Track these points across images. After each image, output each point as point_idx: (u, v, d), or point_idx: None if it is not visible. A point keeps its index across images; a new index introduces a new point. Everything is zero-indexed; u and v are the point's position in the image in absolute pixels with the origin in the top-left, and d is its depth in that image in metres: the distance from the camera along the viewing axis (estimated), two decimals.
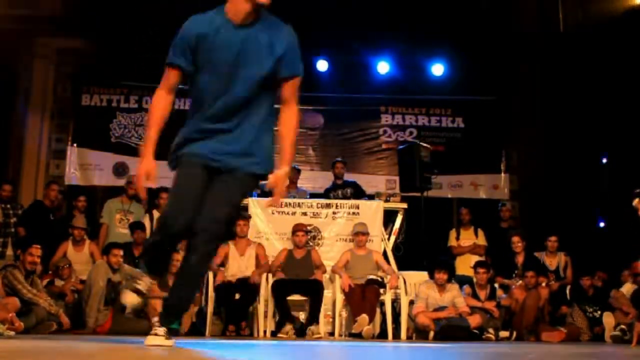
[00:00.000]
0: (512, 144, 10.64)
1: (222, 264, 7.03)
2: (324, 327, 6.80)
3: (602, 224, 10.07)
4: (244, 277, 6.89)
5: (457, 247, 8.34)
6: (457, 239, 8.39)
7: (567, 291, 7.90)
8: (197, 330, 6.81)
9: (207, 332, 6.67)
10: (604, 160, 10.02)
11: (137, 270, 6.36)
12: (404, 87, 10.44)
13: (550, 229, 8.44)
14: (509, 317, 7.23)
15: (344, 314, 6.97)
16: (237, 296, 6.80)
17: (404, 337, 6.80)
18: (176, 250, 6.60)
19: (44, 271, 6.97)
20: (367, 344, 5.42)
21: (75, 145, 9.98)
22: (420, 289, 7.00)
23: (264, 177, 3.22)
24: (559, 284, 7.96)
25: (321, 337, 6.53)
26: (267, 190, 3.33)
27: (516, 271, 7.78)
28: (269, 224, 7.51)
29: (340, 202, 7.76)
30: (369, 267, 7.09)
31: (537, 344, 6.60)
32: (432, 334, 6.71)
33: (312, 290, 6.86)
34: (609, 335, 7.02)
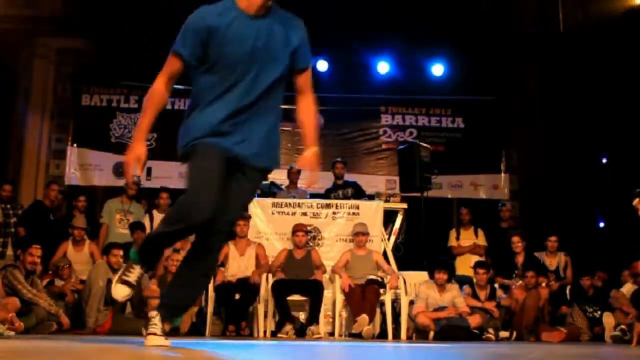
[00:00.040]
0: (512, 144, 10.64)
1: (222, 264, 7.02)
2: (324, 327, 6.80)
3: (602, 224, 10.06)
4: (244, 277, 6.89)
5: (457, 247, 8.34)
6: (457, 239, 8.39)
7: (567, 291, 7.90)
8: (197, 330, 6.81)
9: (207, 332, 6.67)
10: (604, 160, 10.01)
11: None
12: (404, 87, 10.44)
13: (550, 229, 8.44)
14: (509, 317, 7.23)
15: (344, 314, 6.97)
16: (237, 296, 6.80)
17: (404, 337, 6.80)
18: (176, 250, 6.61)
19: (44, 271, 6.97)
20: (367, 344, 5.42)
21: (75, 145, 9.98)
22: (420, 289, 7.00)
23: (271, 171, 3.25)
24: (559, 284, 7.95)
25: (321, 337, 6.53)
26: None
27: (516, 271, 7.77)
28: (269, 224, 7.51)
29: (340, 202, 7.75)
30: (369, 267, 7.09)
31: (537, 344, 6.60)
32: (432, 334, 6.71)
33: (312, 290, 6.86)
34: (609, 335, 7.01)
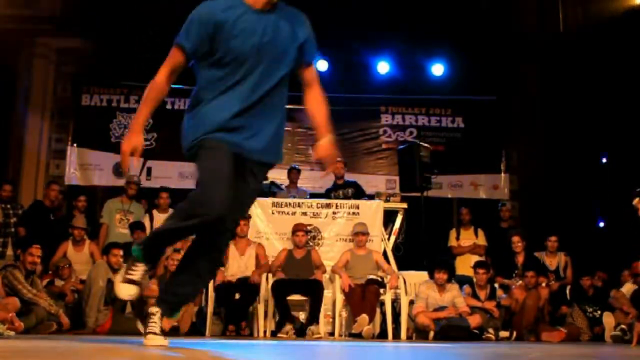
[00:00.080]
0: (512, 144, 10.63)
1: (222, 264, 7.02)
2: (324, 327, 6.80)
3: (602, 224, 10.06)
4: (244, 277, 6.89)
5: (457, 247, 8.34)
6: (457, 239, 8.39)
7: (567, 291, 7.90)
8: (197, 330, 6.81)
9: (207, 332, 6.67)
10: (604, 160, 10.01)
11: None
12: (404, 87, 10.43)
13: (550, 229, 8.44)
14: (509, 317, 7.23)
15: (344, 314, 6.97)
16: (237, 296, 6.80)
17: (404, 337, 6.80)
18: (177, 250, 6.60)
19: (44, 271, 6.97)
20: (367, 344, 5.42)
21: (75, 145, 9.98)
22: (420, 289, 7.00)
23: (274, 166, 3.27)
24: (559, 284, 7.95)
25: (321, 337, 6.53)
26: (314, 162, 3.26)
27: (516, 271, 7.77)
28: (269, 224, 7.51)
29: (340, 202, 7.75)
30: (369, 267, 7.09)
31: (537, 344, 6.59)
32: (432, 334, 6.71)
33: (312, 290, 6.86)
34: (609, 335, 7.02)
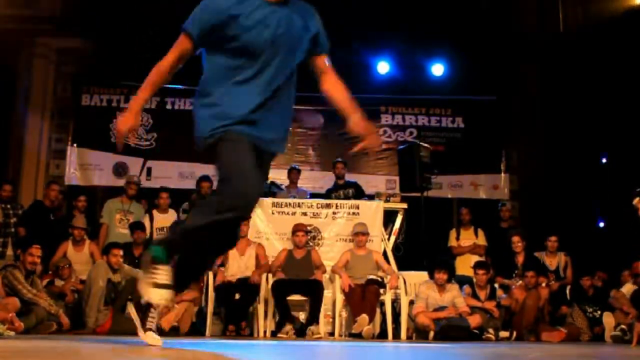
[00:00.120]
0: (512, 144, 10.63)
1: (222, 264, 7.03)
2: (324, 327, 6.80)
3: (602, 224, 10.06)
4: (244, 277, 6.90)
5: (457, 247, 8.34)
6: (457, 239, 8.39)
7: (567, 291, 7.90)
8: (197, 330, 6.82)
9: (207, 332, 6.68)
10: (604, 160, 10.01)
11: (137, 270, 6.35)
12: (404, 87, 10.43)
13: (550, 229, 8.44)
14: (509, 317, 7.23)
15: (344, 314, 6.97)
16: (237, 296, 6.80)
17: (404, 337, 6.80)
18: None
19: (44, 271, 6.97)
20: (367, 344, 5.42)
21: (75, 145, 9.98)
22: (420, 289, 7.00)
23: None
24: (559, 284, 7.95)
25: (321, 337, 6.53)
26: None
27: (516, 271, 7.77)
28: (269, 224, 7.51)
29: (340, 202, 7.75)
30: (369, 267, 7.09)
31: (537, 344, 6.60)
32: (432, 334, 6.71)
33: (312, 290, 6.86)
34: (609, 335, 7.02)
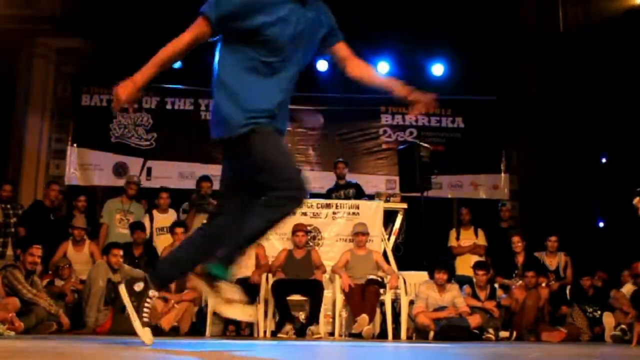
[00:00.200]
0: (512, 144, 10.63)
1: None
2: (324, 327, 6.80)
3: (602, 224, 10.06)
4: (244, 277, 6.89)
5: (457, 247, 8.34)
6: (457, 239, 8.39)
7: (567, 291, 7.90)
8: (197, 330, 6.82)
9: (207, 332, 6.67)
10: (604, 160, 10.01)
11: (137, 270, 6.35)
12: None
13: (550, 229, 8.44)
14: (509, 317, 7.23)
15: (344, 314, 6.97)
16: None
17: (404, 337, 6.80)
18: None
19: (44, 271, 6.97)
20: (367, 344, 5.42)
21: (75, 145, 9.97)
22: (420, 289, 7.00)
23: None
24: (559, 284, 7.96)
25: (321, 337, 6.53)
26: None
27: (516, 271, 7.77)
28: None
29: (340, 202, 7.75)
30: (369, 267, 7.08)
31: (537, 344, 6.60)
32: (432, 334, 6.71)
33: (312, 290, 6.85)
34: (609, 335, 7.02)
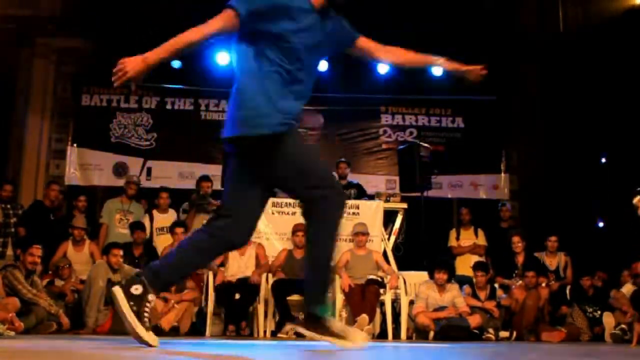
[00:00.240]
0: (512, 144, 10.64)
1: (222, 264, 7.02)
2: None
3: (601, 224, 10.06)
4: (244, 277, 6.89)
5: (457, 247, 8.34)
6: (457, 239, 8.39)
7: (567, 291, 7.90)
8: (197, 330, 6.82)
9: (207, 332, 6.67)
10: (604, 160, 10.01)
11: (138, 270, 6.34)
12: (404, 87, 10.40)
13: (550, 229, 8.44)
14: (509, 317, 7.23)
15: (344, 314, 6.96)
16: (237, 296, 6.80)
17: (404, 337, 6.80)
18: None
19: (44, 271, 6.97)
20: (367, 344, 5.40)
21: (75, 145, 9.98)
22: (420, 289, 7.00)
23: None
24: (559, 284, 7.96)
25: None
26: None
27: (516, 271, 7.77)
28: (269, 224, 7.50)
29: None
30: (369, 267, 7.08)
31: (537, 344, 6.59)
32: (432, 334, 6.71)
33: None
34: (609, 335, 7.02)
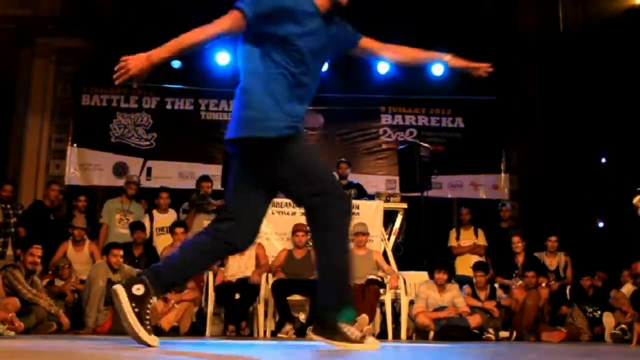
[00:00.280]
0: (512, 144, 10.64)
1: (222, 264, 7.02)
2: None
3: (601, 224, 10.06)
4: (244, 277, 6.90)
5: (457, 247, 8.34)
6: (457, 239, 8.39)
7: (567, 291, 7.90)
8: (197, 330, 6.82)
9: (207, 332, 6.67)
10: (604, 160, 10.01)
11: (138, 270, 6.36)
12: (404, 87, 10.40)
13: (550, 229, 8.44)
14: (509, 317, 7.23)
15: None
16: (237, 296, 6.80)
17: (404, 337, 6.80)
18: None
19: (44, 271, 6.97)
20: None
21: (75, 145, 9.98)
22: (420, 289, 7.00)
23: None
24: (559, 284, 7.96)
25: None
26: None
27: (516, 271, 7.77)
28: (269, 224, 7.49)
29: None
30: (369, 267, 7.08)
31: (537, 344, 6.60)
32: (432, 334, 6.72)
33: (312, 290, 6.83)
34: (609, 335, 7.02)
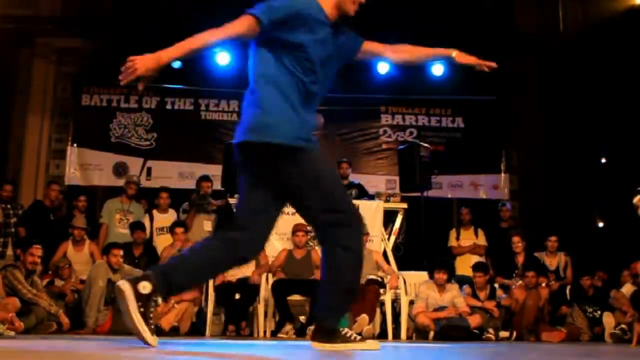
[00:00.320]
0: (512, 144, 10.64)
1: None
2: None
3: (601, 224, 10.06)
4: (244, 277, 6.90)
5: (457, 247, 8.34)
6: (457, 239, 8.39)
7: (567, 291, 7.91)
8: (197, 330, 6.82)
9: (207, 332, 6.68)
10: (604, 160, 10.01)
11: (138, 270, 6.37)
12: (404, 87, 10.39)
13: (550, 229, 8.44)
14: (509, 317, 7.23)
15: None
16: (237, 296, 6.80)
17: (404, 337, 6.80)
18: None
19: (44, 271, 6.97)
20: None
21: (75, 145, 9.97)
22: (420, 289, 7.00)
23: None
24: (559, 284, 7.96)
25: None
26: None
27: (516, 271, 7.77)
28: None
29: None
30: (369, 267, 7.07)
31: (537, 344, 6.60)
32: (432, 334, 6.71)
33: (312, 290, 6.83)
34: (609, 335, 7.02)
